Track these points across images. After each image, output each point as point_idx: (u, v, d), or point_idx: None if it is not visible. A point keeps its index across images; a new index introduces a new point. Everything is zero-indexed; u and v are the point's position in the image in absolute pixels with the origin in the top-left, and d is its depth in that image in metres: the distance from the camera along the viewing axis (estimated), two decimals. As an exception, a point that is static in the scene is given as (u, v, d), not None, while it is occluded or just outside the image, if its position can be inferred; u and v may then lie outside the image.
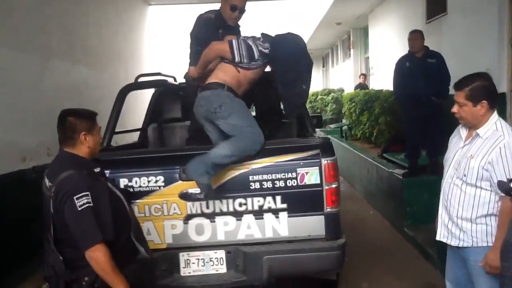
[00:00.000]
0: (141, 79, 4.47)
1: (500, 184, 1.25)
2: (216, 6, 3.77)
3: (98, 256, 2.22)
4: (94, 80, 6.83)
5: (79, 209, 2.19)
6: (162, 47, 11.80)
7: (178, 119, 4.83)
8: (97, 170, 2.50)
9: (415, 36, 5.54)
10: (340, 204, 3.29)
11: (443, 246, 3.00)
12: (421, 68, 5.41)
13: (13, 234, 4.40)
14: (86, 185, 2.27)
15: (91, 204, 2.24)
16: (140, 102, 6.32)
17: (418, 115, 5.51)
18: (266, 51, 3.28)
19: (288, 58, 3.25)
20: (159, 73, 4.57)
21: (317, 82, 22.95)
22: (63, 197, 2.22)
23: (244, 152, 3.10)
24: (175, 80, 4.81)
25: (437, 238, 2.75)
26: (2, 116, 4.66)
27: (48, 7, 5.65)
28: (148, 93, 6.23)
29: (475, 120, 2.51)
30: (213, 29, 3.64)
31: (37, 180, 4.93)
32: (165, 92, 4.89)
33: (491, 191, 2.43)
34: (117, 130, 4.01)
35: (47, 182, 2.36)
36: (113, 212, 2.39)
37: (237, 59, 3.23)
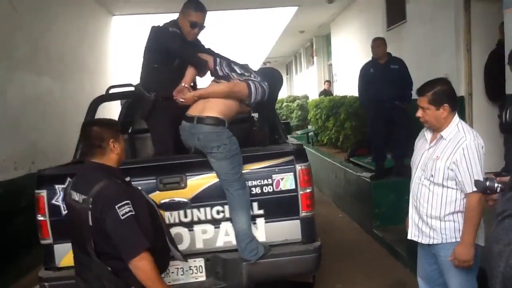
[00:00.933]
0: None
1: (477, 183, 1.36)
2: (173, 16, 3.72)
3: (144, 265, 2.14)
4: (59, 91, 6.73)
5: (122, 218, 2.12)
6: (126, 56, 11.69)
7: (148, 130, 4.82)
8: (127, 179, 2.43)
9: (378, 44, 5.75)
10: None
11: (411, 245, 3.12)
12: (384, 74, 5.60)
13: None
14: (125, 194, 2.21)
15: (133, 212, 2.17)
16: (107, 114, 6.28)
17: (383, 120, 5.71)
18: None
19: (274, 93, 3.63)
20: (130, 84, 4.56)
21: (282, 90, 23.18)
22: (104, 207, 2.13)
23: (248, 205, 3.22)
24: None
25: (409, 237, 2.86)
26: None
27: (12, 18, 5.55)
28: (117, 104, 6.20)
29: (438, 123, 2.65)
30: (183, 44, 3.60)
31: (4, 196, 4.87)
32: (135, 103, 4.87)
33: (457, 189, 2.58)
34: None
35: (76, 195, 2.26)
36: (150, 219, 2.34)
37: (252, 101, 3.32)
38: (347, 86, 10.51)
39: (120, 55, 10.84)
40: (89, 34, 8.52)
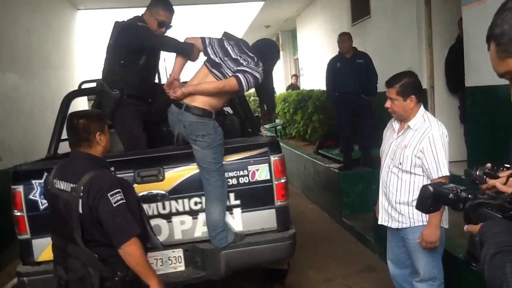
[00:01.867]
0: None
1: (467, 173, 1.44)
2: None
3: (133, 250, 2.20)
4: (25, 88, 6.60)
5: (114, 205, 2.19)
6: (92, 51, 11.50)
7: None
8: (112, 169, 2.49)
9: (344, 39, 5.92)
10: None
11: (380, 231, 3.27)
12: (350, 68, 5.78)
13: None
14: (116, 182, 2.27)
15: (124, 200, 2.23)
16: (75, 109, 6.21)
17: (349, 112, 5.89)
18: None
19: (270, 68, 3.60)
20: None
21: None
22: (97, 195, 2.19)
23: (225, 196, 3.31)
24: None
25: (379, 222, 3.01)
26: None
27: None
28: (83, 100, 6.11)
29: (405, 114, 2.81)
30: (158, 36, 3.60)
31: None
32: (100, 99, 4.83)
33: (423, 176, 2.74)
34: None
35: (62, 184, 2.30)
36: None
37: (245, 90, 3.32)
38: (314, 80, 10.69)
39: (86, 50, 10.67)
40: (53, 29, 8.36)
